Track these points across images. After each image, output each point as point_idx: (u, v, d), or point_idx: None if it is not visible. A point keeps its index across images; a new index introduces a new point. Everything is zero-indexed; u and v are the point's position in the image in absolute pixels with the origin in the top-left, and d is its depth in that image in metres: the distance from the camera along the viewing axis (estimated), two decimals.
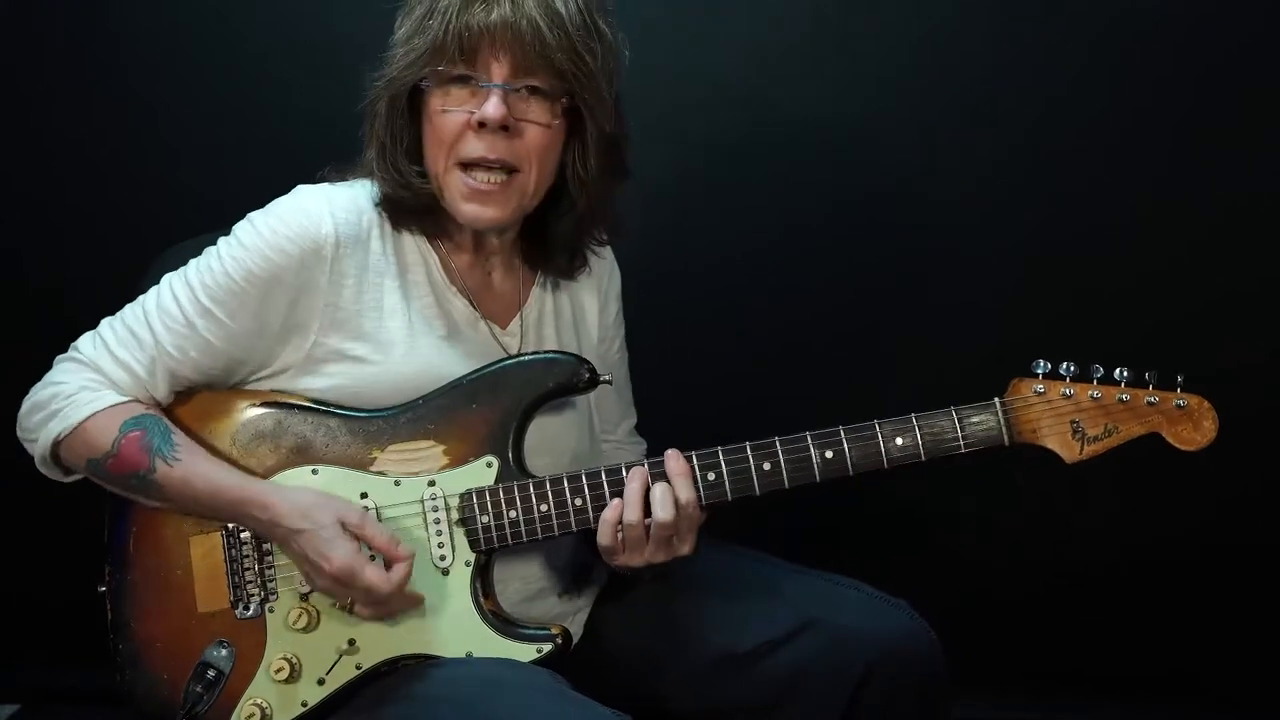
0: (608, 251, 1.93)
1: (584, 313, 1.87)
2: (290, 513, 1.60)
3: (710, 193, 2.46)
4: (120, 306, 1.72)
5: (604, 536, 1.63)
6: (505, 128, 1.60)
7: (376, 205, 1.70)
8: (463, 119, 1.61)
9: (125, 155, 2.53)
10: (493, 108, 1.58)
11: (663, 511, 1.60)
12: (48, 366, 1.72)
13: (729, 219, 2.48)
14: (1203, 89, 2.31)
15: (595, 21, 1.62)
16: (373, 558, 1.60)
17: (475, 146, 1.61)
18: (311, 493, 1.64)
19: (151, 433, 1.64)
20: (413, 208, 1.69)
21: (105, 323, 1.71)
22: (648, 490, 1.62)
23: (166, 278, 1.70)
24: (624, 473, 1.65)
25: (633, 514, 1.61)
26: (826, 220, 2.46)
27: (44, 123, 2.54)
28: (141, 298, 1.71)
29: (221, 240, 1.68)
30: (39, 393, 1.68)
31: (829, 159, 2.43)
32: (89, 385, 1.66)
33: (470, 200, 1.64)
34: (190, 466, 1.63)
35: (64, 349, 1.72)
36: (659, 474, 1.64)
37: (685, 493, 1.62)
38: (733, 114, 2.44)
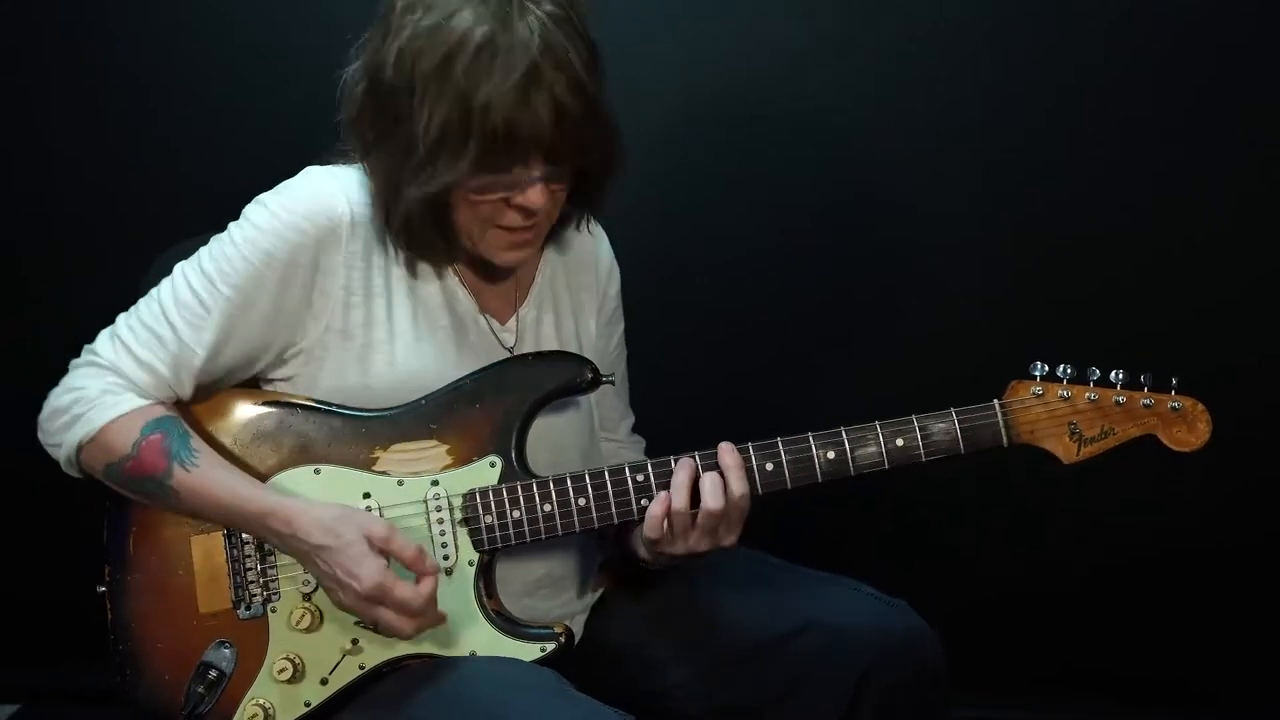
0: (607, 251, 1.93)
1: (583, 309, 1.87)
2: (313, 528, 1.57)
3: (708, 194, 2.47)
4: (120, 306, 1.70)
5: (651, 530, 1.63)
6: None
7: None
8: (499, 198, 1.59)
9: (125, 154, 2.52)
10: (537, 197, 1.58)
11: (714, 501, 1.60)
12: (46, 366, 1.69)
13: (727, 219, 2.49)
14: (1200, 91, 2.33)
15: (600, 78, 1.58)
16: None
17: (514, 218, 1.61)
18: (334, 506, 1.61)
19: (171, 436, 1.62)
20: None
21: (121, 321, 1.69)
22: (694, 481, 1.63)
23: (179, 268, 1.68)
24: (626, 471, 1.65)
25: (680, 503, 1.61)
26: (826, 221, 2.47)
27: (44, 123, 2.52)
28: (155, 291, 1.68)
29: (232, 225, 1.66)
30: (59, 398, 1.66)
31: (829, 159, 2.45)
32: (111, 389, 1.63)
33: (511, 250, 1.66)
34: (207, 473, 1.61)
35: (62, 349, 1.70)
36: (709, 465, 1.64)
37: (739, 485, 1.62)
38: (732, 115, 2.44)
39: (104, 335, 1.69)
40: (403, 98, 1.54)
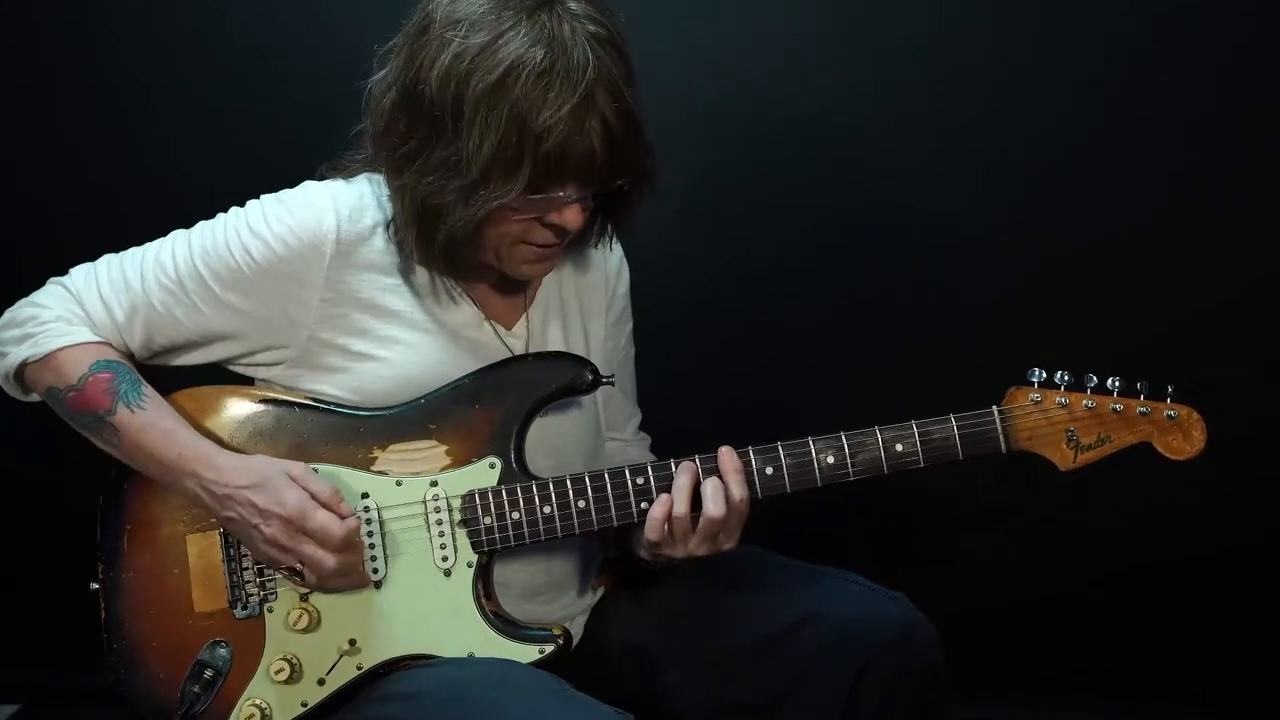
0: (617, 249, 1.92)
1: (591, 311, 1.86)
2: (235, 469, 1.60)
3: (710, 196, 2.47)
4: None
5: (652, 532, 1.63)
6: None
7: (381, 205, 1.68)
8: (533, 218, 1.59)
9: (125, 154, 2.52)
10: (575, 218, 1.59)
11: (715, 507, 1.61)
12: None
13: (728, 220, 2.50)
14: (1201, 93, 2.33)
15: (638, 95, 1.57)
16: None
17: (546, 235, 1.61)
18: (255, 455, 1.65)
19: (121, 378, 1.64)
20: None
21: (104, 259, 1.72)
22: (696, 485, 1.63)
23: (174, 233, 1.71)
24: (626, 474, 1.65)
25: (680, 507, 1.61)
26: (828, 223, 2.48)
27: (44, 123, 2.52)
28: (146, 245, 1.71)
29: (233, 210, 1.69)
30: (20, 309, 1.69)
31: (831, 161, 2.45)
32: (66, 317, 1.66)
33: (535, 264, 1.67)
34: (151, 418, 1.63)
35: None
36: (709, 469, 1.64)
37: (739, 490, 1.62)
38: (734, 116, 2.45)
39: (83, 265, 1.72)
40: (446, 117, 1.52)
